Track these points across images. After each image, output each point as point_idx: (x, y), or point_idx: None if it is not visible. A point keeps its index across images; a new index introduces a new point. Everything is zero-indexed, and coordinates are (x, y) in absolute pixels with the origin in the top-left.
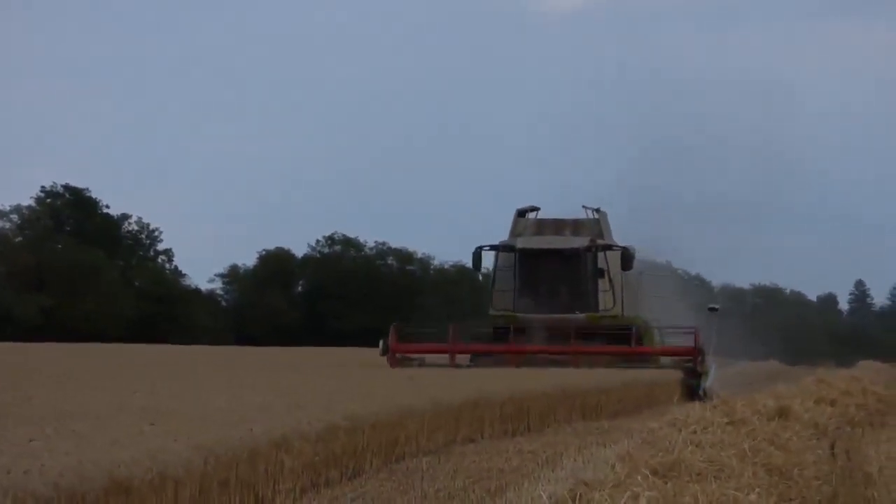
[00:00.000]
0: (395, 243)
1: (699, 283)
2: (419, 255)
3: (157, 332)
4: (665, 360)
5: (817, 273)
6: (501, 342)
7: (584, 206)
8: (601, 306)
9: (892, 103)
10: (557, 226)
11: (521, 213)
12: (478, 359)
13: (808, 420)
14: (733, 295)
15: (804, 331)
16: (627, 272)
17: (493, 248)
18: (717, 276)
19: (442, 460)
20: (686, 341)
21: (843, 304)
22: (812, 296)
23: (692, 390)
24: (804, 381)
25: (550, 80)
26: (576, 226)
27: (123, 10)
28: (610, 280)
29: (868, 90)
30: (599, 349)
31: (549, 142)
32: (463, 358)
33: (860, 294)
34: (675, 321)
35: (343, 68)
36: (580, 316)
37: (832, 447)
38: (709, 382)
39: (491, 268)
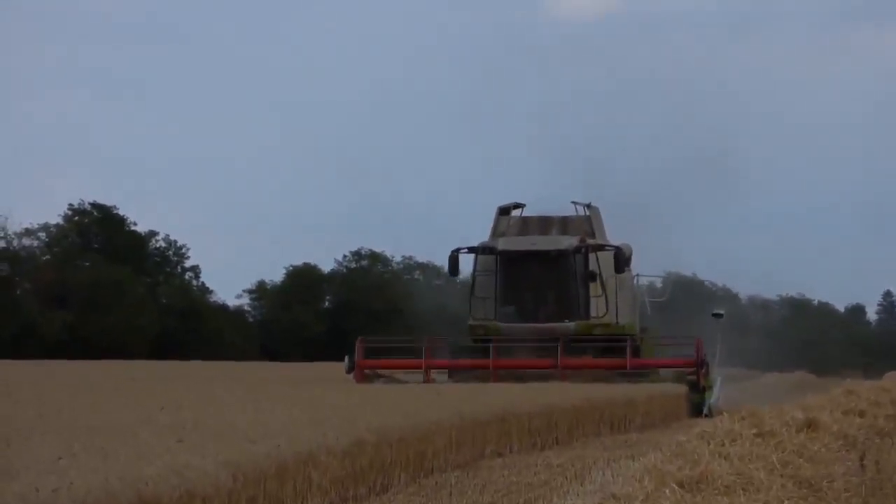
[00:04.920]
0: (421, 257)
1: (724, 294)
2: (446, 270)
3: (182, 347)
4: (666, 373)
5: (845, 284)
6: (481, 355)
7: (573, 202)
8: (593, 313)
9: None
10: (543, 224)
11: (504, 211)
12: (456, 374)
13: (837, 431)
14: (761, 306)
15: (832, 342)
16: (622, 275)
17: (471, 250)
18: (745, 287)
19: (470, 475)
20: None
21: (872, 315)
22: (840, 306)
23: (696, 407)
24: (832, 393)
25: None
26: (564, 224)
27: (151, 25)
28: (602, 284)
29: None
30: (589, 362)
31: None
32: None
33: (888, 305)
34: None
35: (360, 80)
36: (569, 324)
37: (861, 458)
38: (714, 398)
39: (470, 273)
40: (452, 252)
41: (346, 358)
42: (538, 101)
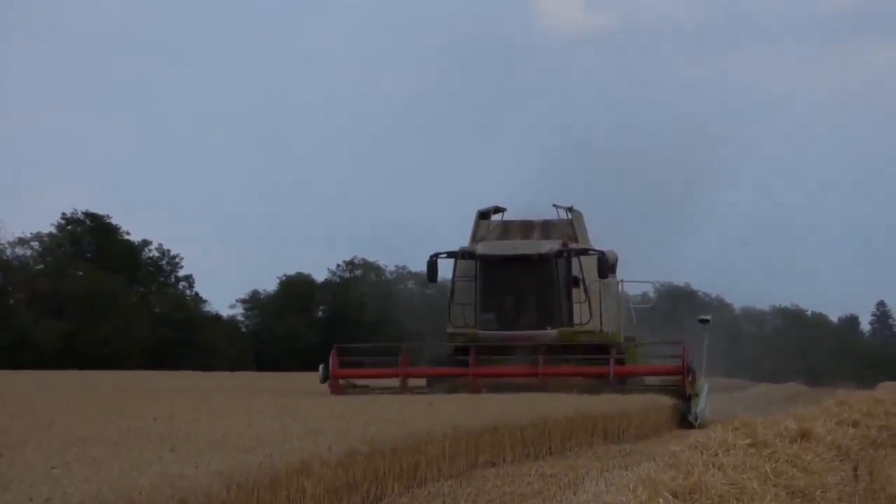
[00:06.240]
0: (414, 267)
1: (718, 304)
2: (439, 280)
3: (176, 357)
4: (652, 381)
5: (839, 294)
6: (461, 364)
7: (555, 205)
8: (576, 320)
9: None
10: (524, 228)
11: (484, 215)
12: (434, 384)
13: (831, 442)
14: (754, 317)
15: (825, 353)
16: (606, 281)
17: (450, 255)
18: (738, 298)
19: (463, 484)
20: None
21: (865, 326)
22: (833, 317)
23: (683, 416)
24: (826, 403)
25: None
26: (546, 228)
27: (144, 34)
28: (585, 290)
29: (888, 109)
30: (571, 370)
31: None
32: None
33: (882, 315)
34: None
35: (357, 90)
36: (551, 332)
37: (855, 469)
38: (701, 407)
39: (448, 279)
40: (431, 257)
41: (321, 367)
42: (532, 111)
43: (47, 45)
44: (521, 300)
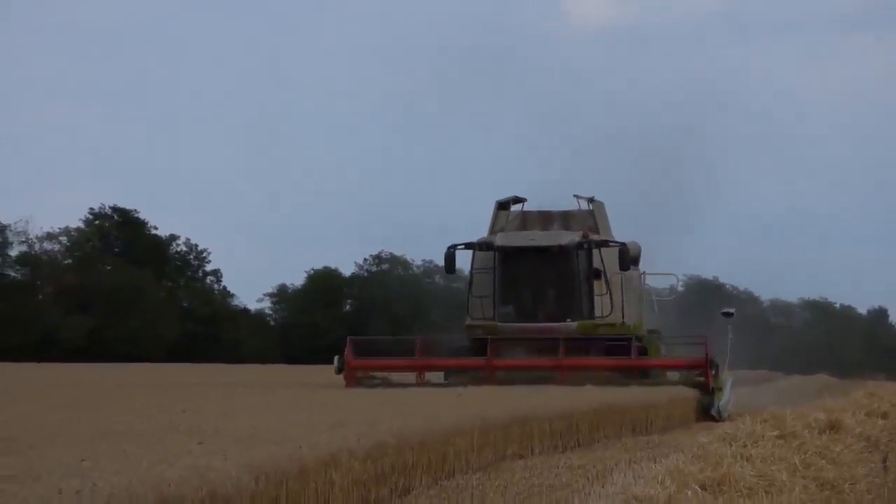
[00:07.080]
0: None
1: (746, 297)
2: (464, 274)
3: (203, 351)
4: (674, 375)
5: (867, 286)
6: (479, 356)
7: (575, 196)
8: (597, 313)
9: None
10: (544, 219)
11: (503, 206)
12: (452, 376)
13: (860, 433)
14: (782, 310)
15: (854, 345)
16: (628, 273)
17: (468, 246)
18: (766, 291)
19: (492, 476)
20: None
21: (894, 318)
22: (862, 309)
23: (706, 411)
24: (855, 395)
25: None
26: (566, 219)
27: (171, 33)
28: (607, 282)
29: None
30: (591, 362)
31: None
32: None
33: None
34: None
35: (382, 83)
36: (572, 324)
37: (884, 460)
38: (724, 401)
39: (467, 270)
40: (448, 248)
41: (336, 358)
42: (557, 103)
43: (76, 43)
44: (541, 292)
